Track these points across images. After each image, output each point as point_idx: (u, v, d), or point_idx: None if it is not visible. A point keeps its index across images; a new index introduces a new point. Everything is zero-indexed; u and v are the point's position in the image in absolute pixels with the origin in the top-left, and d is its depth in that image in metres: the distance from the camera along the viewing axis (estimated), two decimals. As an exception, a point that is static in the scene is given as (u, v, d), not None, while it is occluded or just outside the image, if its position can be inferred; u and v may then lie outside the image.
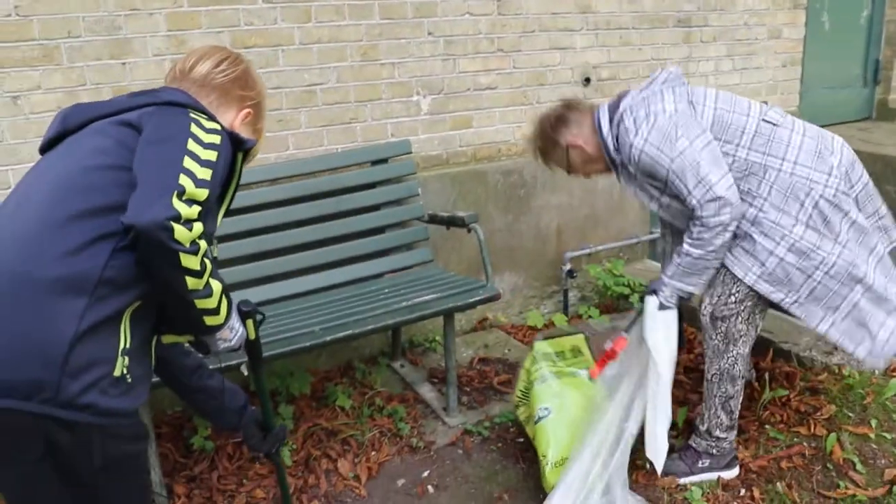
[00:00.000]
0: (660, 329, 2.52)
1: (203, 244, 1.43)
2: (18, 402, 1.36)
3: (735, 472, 2.72)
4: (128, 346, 1.47)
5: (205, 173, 1.45)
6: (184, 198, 1.39)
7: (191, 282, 1.45)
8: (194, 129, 1.51)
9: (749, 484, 2.68)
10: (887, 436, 2.82)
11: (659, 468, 2.58)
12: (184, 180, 1.40)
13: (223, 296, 1.57)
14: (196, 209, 1.40)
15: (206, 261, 1.46)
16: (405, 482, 2.84)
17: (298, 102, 3.44)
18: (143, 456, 1.62)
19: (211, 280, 1.51)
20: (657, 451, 2.58)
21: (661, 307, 2.54)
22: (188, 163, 1.43)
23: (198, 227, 1.40)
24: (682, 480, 2.70)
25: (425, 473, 2.89)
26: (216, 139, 1.53)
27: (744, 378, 2.65)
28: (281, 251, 3.28)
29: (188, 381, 1.98)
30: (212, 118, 1.62)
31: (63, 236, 1.41)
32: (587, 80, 4.20)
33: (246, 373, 2.06)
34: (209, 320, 1.57)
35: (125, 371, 1.46)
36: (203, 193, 1.42)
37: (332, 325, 2.87)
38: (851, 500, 2.55)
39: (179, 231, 1.37)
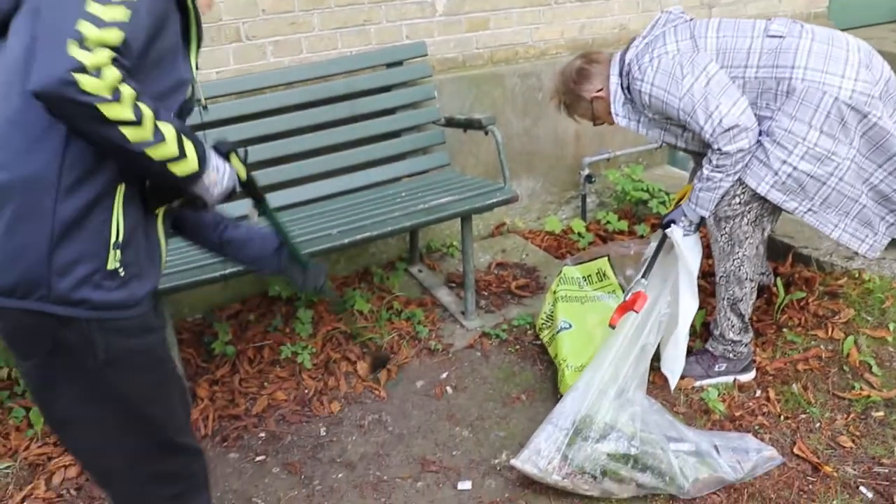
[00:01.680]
0: (689, 256, 2.58)
1: (126, 90, 1.29)
2: (17, 300, 1.40)
3: (751, 375, 2.74)
4: (119, 238, 1.43)
5: (115, 12, 1.28)
6: (86, 44, 1.25)
7: (131, 133, 1.32)
8: None
9: (765, 385, 2.71)
10: (905, 339, 2.83)
11: (673, 384, 2.67)
12: (83, 26, 1.25)
13: (182, 137, 1.42)
14: (105, 54, 1.26)
15: (144, 106, 1.32)
16: (424, 384, 2.89)
17: (311, 4, 3.34)
18: (155, 350, 1.59)
19: (159, 124, 1.36)
20: (674, 369, 2.67)
21: (684, 235, 2.59)
22: (91, 6, 1.28)
23: (111, 73, 1.27)
24: (699, 383, 2.73)
25: (444, 375, 2.93)
26: None
27: (752, 281, 2.65)
28: (296, 156, 3.25)
29: (212, 237, 1.91)
30: None
31: (16, 133, 1.36)
32: (608, -22, 4.06)
33: (255, 218, 1.91)
34: (179, 169, 1.43)
35: (118, 264, 1.43)
36: (113, 35, 1.27)
37: (349, 228, 2.86)
38: (865, 401, 2.58)
39: (87, 81, 1.24)
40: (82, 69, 1.24)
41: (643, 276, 2.63)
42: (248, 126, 3.13)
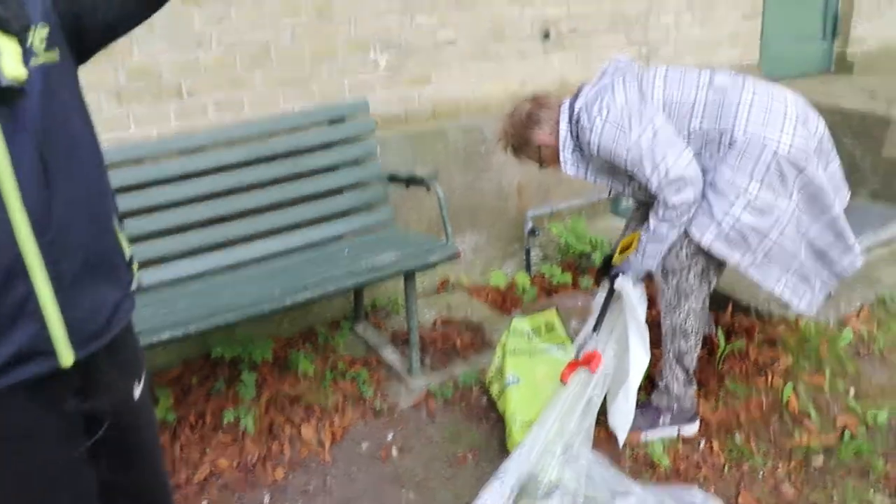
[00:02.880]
0: (638, 307, 2.60)
1: None
2: None
3: (695, 426, 2.76)
4: None
5: None
6: None
7: None
8: None
9: (709, 437, 2.73)
10: (840, 384, 2.88)
11: (621, 440, 2.67)
12: None
13: None
14: None
15: None
16: (369, 446, 2.84)
17: (253, 62, 3.35)
18: (23, 459, 1.37)
19: None
20: (623, 423, 2.66)
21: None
22: None
23: None
24: (644, 437, 2.73)
25: (389, 436, 2.89)
26: None
27: (698, 334, 2.68)
28: (238, 215, 3.21)
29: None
30: None
31: None
32: (546, 35, 4.15)
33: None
34: None
35: None
36: None
37: (291, 289, 2.83)
38: (806, 449, 2.61)
39: None
40: None
41: (594, 330, 2.64)
42: (190, 185, 3.10)
